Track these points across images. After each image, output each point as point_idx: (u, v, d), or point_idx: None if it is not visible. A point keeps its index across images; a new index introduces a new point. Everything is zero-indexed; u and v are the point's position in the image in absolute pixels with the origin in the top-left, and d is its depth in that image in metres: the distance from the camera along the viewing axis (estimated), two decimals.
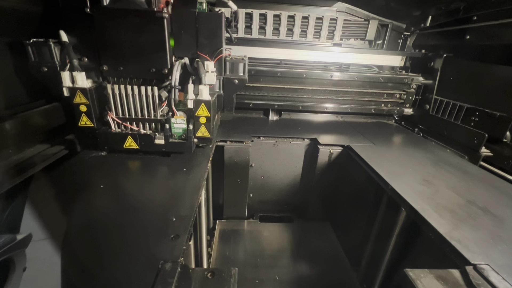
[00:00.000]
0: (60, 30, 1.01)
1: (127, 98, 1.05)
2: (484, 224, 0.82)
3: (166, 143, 1.08)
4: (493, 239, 0.76)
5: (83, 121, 1.06)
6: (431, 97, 1.67)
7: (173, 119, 1.06)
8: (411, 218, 0.95)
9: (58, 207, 0.81)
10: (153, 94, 1.05)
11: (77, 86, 1.00)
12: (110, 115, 1.07)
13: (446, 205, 0.89)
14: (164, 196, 0.86)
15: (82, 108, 1.03)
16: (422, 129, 1.74)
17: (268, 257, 1.36)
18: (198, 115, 1.07)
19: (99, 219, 0.76)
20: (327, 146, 1.41)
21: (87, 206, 0.81)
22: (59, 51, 1.02)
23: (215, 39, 1.10)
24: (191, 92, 1.04)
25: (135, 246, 0.67)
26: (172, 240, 0.67)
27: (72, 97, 1.02)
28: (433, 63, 1.69)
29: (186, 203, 0.82)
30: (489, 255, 0.70)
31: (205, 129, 1.10)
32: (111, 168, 1.02)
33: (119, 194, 0.88)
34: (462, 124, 1.45)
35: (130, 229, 0.72)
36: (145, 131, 1.09)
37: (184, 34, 1.08)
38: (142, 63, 1.05)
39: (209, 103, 1.05)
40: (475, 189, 1.03)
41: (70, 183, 0.91)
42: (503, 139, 1.24)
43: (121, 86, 1.04)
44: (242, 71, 1.20)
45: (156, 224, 0.73)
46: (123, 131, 1.08)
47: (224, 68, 1.20)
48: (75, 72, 0.99)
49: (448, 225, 0.79)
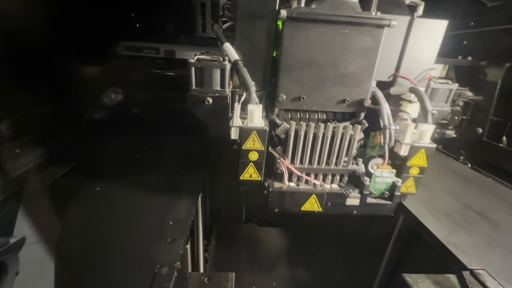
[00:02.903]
0: (226, 43, 0.70)
1: (314, 140, 0.73)
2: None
3: (361, 204, 0.76)
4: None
5: (247, 173, 0.74)
6: (486, 118, 1.27)
7: (378, 170, 0.74)
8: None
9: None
10: (348, 135, 0.73)
11: (252, 125, 0.68)
12: (284, 163, 0.75)
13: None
14: None
15: (252, 157, 0.71)
16: (468, 157, 1.35)
17: (265, 262, 1.34)
18: (411, 165, 0.75)
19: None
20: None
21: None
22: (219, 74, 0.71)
23: (427, 54, 0.78)
24: (409, 134, 0.72)
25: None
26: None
27: (240, 140, 0.70)
28: (487, 74, 1.28)
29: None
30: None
31: (413, 184, 0.78)
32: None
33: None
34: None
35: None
36: (332, 186, 0.77)
37: (387, 47, 0.76)
38: (333, 92, 0.74)
39: (431, 150, 0.73)
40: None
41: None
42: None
43: (302, 123, 0.72)
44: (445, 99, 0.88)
45: None
46: (300, 188, 0.76)
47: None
48: (251, 105, 0.67)
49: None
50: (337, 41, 0.69)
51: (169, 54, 1.22)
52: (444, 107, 0.88)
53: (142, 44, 1.19)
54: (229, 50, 0.69)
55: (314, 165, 0.76)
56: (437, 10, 1.32)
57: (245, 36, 0.70)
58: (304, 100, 0.74)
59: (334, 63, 0.71)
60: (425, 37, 0.76)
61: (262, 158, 0.72)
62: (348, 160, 0.76)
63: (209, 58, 0.66)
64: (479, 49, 1.30)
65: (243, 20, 0.68)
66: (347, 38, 0.68)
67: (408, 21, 0.75)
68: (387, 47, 0.74)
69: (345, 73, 0.72)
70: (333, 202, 0.76)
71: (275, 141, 0.77)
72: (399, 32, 0.76)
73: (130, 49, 1.17)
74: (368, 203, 0.76)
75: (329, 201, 0.76)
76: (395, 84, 0.82)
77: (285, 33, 0.67)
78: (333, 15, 0.65)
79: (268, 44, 0.71)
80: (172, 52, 1.22)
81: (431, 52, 0.79)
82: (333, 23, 0.66)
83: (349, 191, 0.76)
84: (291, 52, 0.69)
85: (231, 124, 0.69)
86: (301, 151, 0.74)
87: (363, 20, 0.66)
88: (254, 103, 0.68)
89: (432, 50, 0.78)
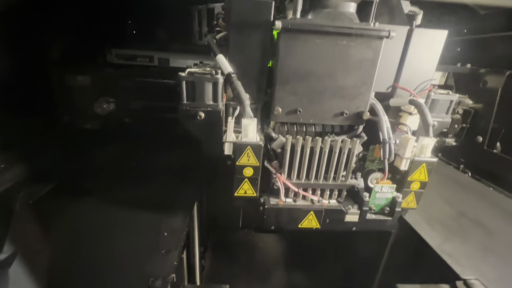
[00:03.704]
0: (219, 55, 0.67)
1: (311, 155, 0.70)
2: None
3: (360, 220, 0.73)
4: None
5: (242, 190, 0.71)
6: (487, 126, 1.24)
7: (377, 186, 0.71)
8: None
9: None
10: (346, 149, 0.71)
11: (246, 140, 0.65)
12: (280, 179, 0.72)
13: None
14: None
15: (247, 172, 0.68)
16: (468, 165, 1.32)
17: (262, 269, 1.32)
18: (412, 180, 0.73)
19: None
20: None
21: None
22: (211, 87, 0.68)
23: (427, 64, 0.76)
24: (409, 148, 0.70)
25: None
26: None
27: (234, 156, 0.67)
28: (487, 82, 1.25)
29: None
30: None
31: (413, 199, 0.76)
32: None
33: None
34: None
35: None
36: (331, 202, 0.75)
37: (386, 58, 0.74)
38: (331, 104, 0.71)
39: (433, 164, 0.71)
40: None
41: None
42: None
43: (299, 137, 0.69)
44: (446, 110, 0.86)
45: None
46: (298, 205, 0.73)
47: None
48: (246, 120, 0.64)
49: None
50: (334, 53, 0.66)
51: (163, 63, 1.19)
52: (445, 118, 0.86)
53: (135, 52, 1.16)
54: (223, 62, 0.66)
55: (311, 180, 0.73)
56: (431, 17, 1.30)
57: (239, 47, 0.67)
58: (300, 113, 0.71)
59: (332, 75, 0.68)
60: (425, 47, 0.74)
61: (257, 174, 0.69)
62: (346, 174, 0.73)
63: (201, 71, 0.63)
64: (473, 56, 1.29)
65: (236, 30, 0.65)
66: (344, 50, 0.66)
67: (407, 31, 0.73)
68: (386, 57, 0.72)
69: (343, 85, 0.70)
70: (331, 219, 0.74)
71: (271, 155, 0.75)
72: (398, 42, 0.73)
73: (123, 57, 1.14)
74: (367, 220, 0.74)
75: (327, 218, 0.73)
76: (395, 95, 0.80)
77: (280, 44, 0.64)
78: (330, 26, 0.62)
79: (263, 55, 0.68)
80: (166, 61, 1.20)
81: (431, 63, 0.76)
82: (330, 34, 0.64)
83: (348, 207, 0.73)
84: (287, 64, 0.66)
85: (224, 139, 0.66)
86: (298, 166, 0.71)
87: (361, 32, 0.63)
88: (248, 117, 0.65)
89: (432, 60, 0.76)
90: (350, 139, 0.71)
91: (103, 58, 1.12)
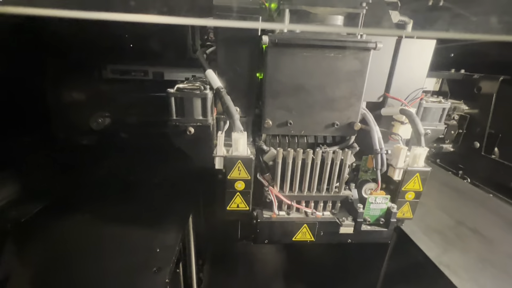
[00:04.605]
0: (208, 70, 0.67)
1: (303, 167, 0.70)
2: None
3: (355, 232, 0.72)
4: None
5: (234, 204, 0.70)
6: (483, 132, 1.23)
7: (371, 196, 0.71)
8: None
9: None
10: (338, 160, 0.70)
11: (237, 154, 0.65)
12: (273, 191, 0.71)
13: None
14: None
15: (238, 186, 0.68)
16: (466, 171, 1.30)
17: (261, 282, 1.32)
18: (406, 190, 0.72)
19: None
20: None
21: None
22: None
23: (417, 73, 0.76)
24: (401, 158, 0.69)
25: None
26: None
27: (225, 170, 0.67)
28: (482, 87, 1.25)
29: None
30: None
31: (409, 209, 0.75)
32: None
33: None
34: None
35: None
36: (324, 214, 0.74)
37: (376, 67, 0.74)
38: (322, 116, 0.71)
39: (426, 173, 0.70)
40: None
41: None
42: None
43: (290, 150, 0.69)
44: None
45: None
46: (291, 217, 0.72)
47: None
48: (236, 134, 0.64)
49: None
50: (322, 65, 0.67)
51: (157, 76, 1.20)
52: (438, 126, 0.85)
53: (130, 67, 1.18)
54: (212, 77, 0.66)
55: (304, 192, 0.72)
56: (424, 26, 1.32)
57: (228, 62, 0.67)
58: (291, 125, 0.71)
59: (321, 87, 0.69)
60: (414, 56, 0.74)
61: (249, 187, 0.69)
62: (339, 185, 0.73)
63: (189, 86, 0.63)
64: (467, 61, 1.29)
65: (224, 45, 0.66)
66: (333, 62, 0.66)
67: (396, 41, 0.73)
68: (376, 67, 0.72)
69: (333, 97, 0.70)
70: (325, 231, 0.72)
71: (263, 167, 0.74)
72: (387, 52, 0.74)
73: (117, 72, 1.16)
74: (363, 231, 0.72)
75: (322, 230, 0.72)
76: (386, 104, 0.80)
77: (268, 59, 0.65)
78: (317, 40, 0.63)
79: (251, 69, 0.69)
80: (161, 74, 1.21)
81: (421, 71, 0.76)
82: (317, 47, 0.64)
83: (342, 219, 0.72)
84: (275, 77, 0.67)
85: (215, 154, 0.66)
86: (290, 178, 0.71)
87: (348, 44, 0.64)
88: (238, 131, 0.65)
89: (422, 69, 0.76)
90: (342, 150, 0.71)
91: (99, 74, 1.14)
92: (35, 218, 0.79)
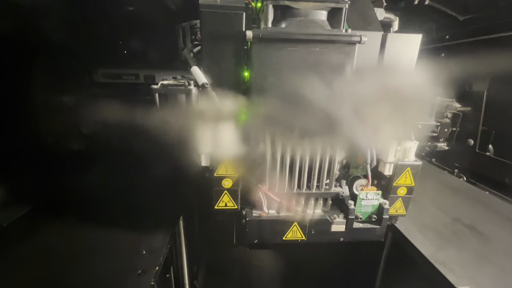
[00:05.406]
0: (194, 67, 0.67)
1: (292, 163, 0.69)
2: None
3: (347, 230, 0.70)
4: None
5: (222, 203, 0.69)
6: (477, 129, 1.22)
7: (362, 193, 0.69)
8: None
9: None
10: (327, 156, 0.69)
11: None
12: (262, 190, 0.70)
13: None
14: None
15: (226, 184, 0.67)
16: (462, 169, 1.29)
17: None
18: (398, 185, 0.70)
19: None
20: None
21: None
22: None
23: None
24: (391, 152, 0.68)
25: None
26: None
27: (211, 167, 0.65)
28: (472, 85, 1.26)
29: None
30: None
31: (402, 205, 0.73)
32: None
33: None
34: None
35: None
36: (315, 212, 0.72)
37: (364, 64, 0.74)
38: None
39: (417, 167, 0.69)
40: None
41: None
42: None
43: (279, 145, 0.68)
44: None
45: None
46: (281, 216, 0.71)
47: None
48: None
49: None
50: (308, 60, 0.66)
51: (149, 79, 1.20)
52: (429, 121, 0.85)
53: (121, 71, 1.18)
54: (197, 73, 0.66)
55: (294, 189, 0.71)
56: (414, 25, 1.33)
57: (213, 59, 0.67)
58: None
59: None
60: (400, 52, 0.74)
61: (237, 185, 0.67)
62: (330, 182, 0.71)
63: (174, 83, 0.63)
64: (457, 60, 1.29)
65: (209, 42, 0.66)
66: (318, 57, 0.66)
67: (381, 37, 0.73)
68: (363, 63, 0.72)
69: None
70: (317, 230, 0.70)
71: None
72: (373, 48, 0.74)
73: (109, 76, 1.16)
74: (355, 229, 0.71)
75: (313, 229, 0.70)
76: None
77: (253, 54, 0.64)
78: (301, 34, 0.63)
79: (237, 66, 0.69)
80: (152, 77, 1.21)
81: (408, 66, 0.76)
82: (302, 42, 0.64)
83: (334, 216, 0.70)
84: (261, 73, 0.66)
85: (200, 151, 0.65)
86: (279, 175, 0.70)
87: (332, 38, 0.63)
88: None
89: (409, 64, 0.76)
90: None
91: (89, 78, 1.14)
92: (17, 222, 0.77)
